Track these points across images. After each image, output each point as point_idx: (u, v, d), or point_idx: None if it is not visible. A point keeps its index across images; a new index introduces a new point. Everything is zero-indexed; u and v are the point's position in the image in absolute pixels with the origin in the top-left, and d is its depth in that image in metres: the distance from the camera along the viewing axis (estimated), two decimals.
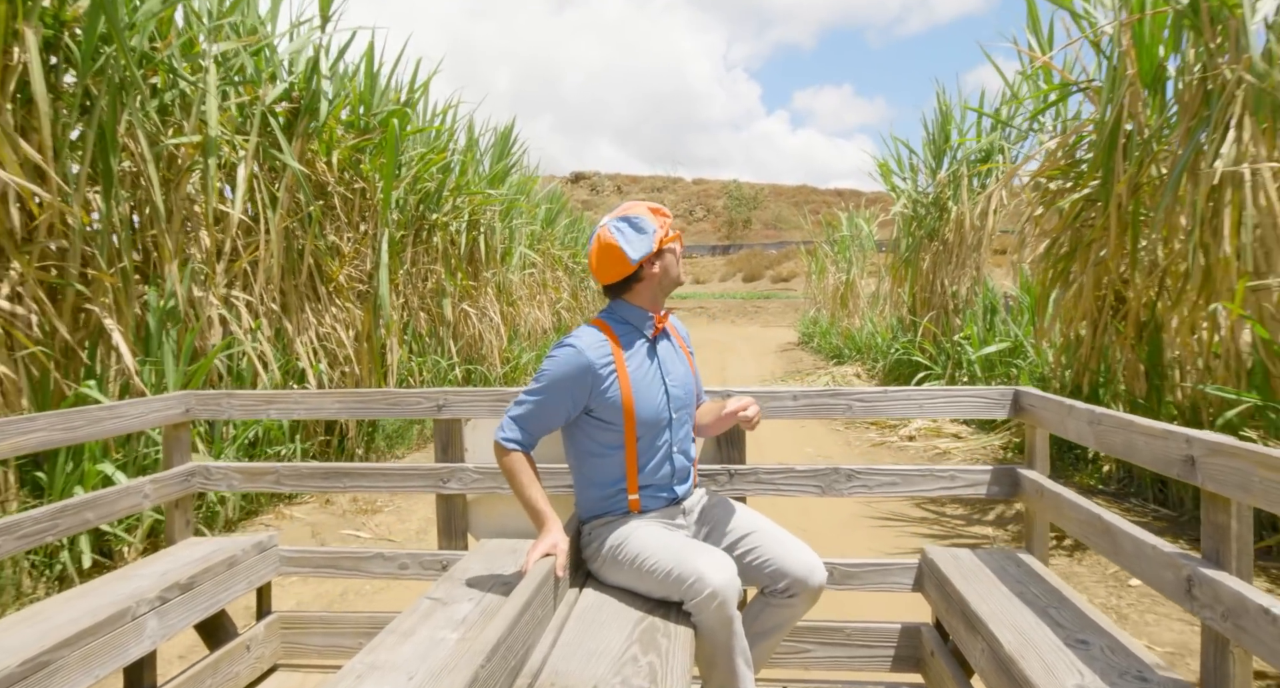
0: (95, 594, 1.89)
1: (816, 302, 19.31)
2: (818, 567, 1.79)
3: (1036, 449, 2.11)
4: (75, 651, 1.60)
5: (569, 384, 1.81)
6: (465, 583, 1.93)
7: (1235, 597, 1.24)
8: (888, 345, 10.25)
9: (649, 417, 1.85)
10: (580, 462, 1.94)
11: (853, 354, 12.95)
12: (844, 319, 15.52)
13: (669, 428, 1.90)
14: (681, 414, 1.93)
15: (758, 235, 53.36)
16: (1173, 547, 1.45)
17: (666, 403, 1.89)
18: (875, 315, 13.32)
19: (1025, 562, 2.04)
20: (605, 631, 1.62)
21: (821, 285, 18.32)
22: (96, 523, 2.13)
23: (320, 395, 2.43)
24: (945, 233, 8.77)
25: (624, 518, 1.89)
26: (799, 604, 1.81)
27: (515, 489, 1.82)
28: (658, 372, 1.90)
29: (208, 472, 2.45)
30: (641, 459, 1.87)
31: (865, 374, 10.96)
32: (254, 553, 2.27)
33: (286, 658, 2.44)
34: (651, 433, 1.87)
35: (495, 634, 1.29)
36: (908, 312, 9.75)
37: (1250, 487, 1.24)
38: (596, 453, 1.89)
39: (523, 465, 1.82)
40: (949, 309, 8.67)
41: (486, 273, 9.35)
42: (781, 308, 29.52)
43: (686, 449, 1.96)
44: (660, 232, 1.90)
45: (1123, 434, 1.61)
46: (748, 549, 1.83)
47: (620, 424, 1.85)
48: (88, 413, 2.11)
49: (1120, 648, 1.52)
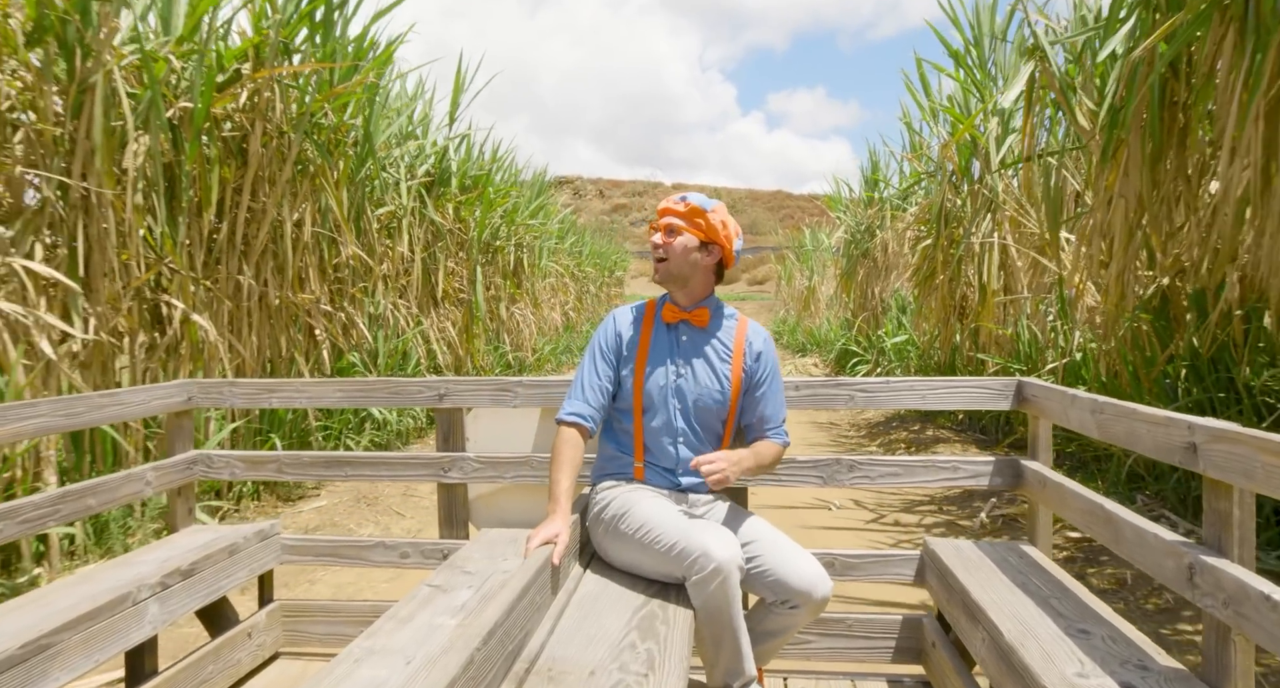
0: (97, 579, 1.89)
1: (786, 304, 22.30)
2: (820, 580, 1.76)
3: (1039, 440, 2.09)
4: (76, 634, 1.61)
5: (601, 344, 1.97)
6: (465, 571, 1.92)
7: (1237, 584, 1.23)
8: (836, 340, 13.15)
9: (652, 392, 1.91)
10: (606, 423, 2.02)
11: (813, 348, 15.86)
12: (807, 319, 18.47)
13: (672, 417, 1.92)
14: (689, 409, 1.92)
15: None
16: (1174, 535, 1.44)
17: (670, 391, 1.92)
18: (831, 316, 16.26)
19: (1027, 553, 2.02)
20: (604, 617, 1.62)
21: (790, 290, 21.30)
22: (99, 509, 2.13)
23: (320, 384, 2.42)
24: (874, 253, 11.66)
25: (629, 483, 1.92)
26: (802, 614, 1.78)
27: (550, 468, 1.84)
28: (670, 358, 1.94)
29: (209, 460, 2.45)
30: (647, 434, 1.93)
31: (821, 363, 13.86)
32: (255, 541, 2.27)
33: (288, 646, 2.44)
34: (656, 412, 1.92)
35: (492, 618, 1.30)
36: (850, 314, 12.64)
37: (1253, 473, 1.22)
38: (616, 414, 1.98)
39: (567, 449, 1.85)
40: (877, 311, 11.56)
41: (527, 283, 12.13)
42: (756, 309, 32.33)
43: (697, 448, 1.94)
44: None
45: (1125, 423, 1.61)
46: (750, 558, 1.79)
47: (631, 390, 1.93)
48: (89, 400, 2.10)
49: (1121, 637, 1.51)
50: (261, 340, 5.20)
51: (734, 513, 1.95)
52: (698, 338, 1.97)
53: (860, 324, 11.78)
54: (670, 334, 1.96)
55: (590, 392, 1.91)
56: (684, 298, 1.96)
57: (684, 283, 1.94)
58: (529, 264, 12.28)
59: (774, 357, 2.03)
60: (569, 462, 1.82)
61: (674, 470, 1.93)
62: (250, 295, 5.01)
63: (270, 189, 5.03)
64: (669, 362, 1.93)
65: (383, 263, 7.37)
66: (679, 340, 1.96)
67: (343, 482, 5.04)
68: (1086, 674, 1.36)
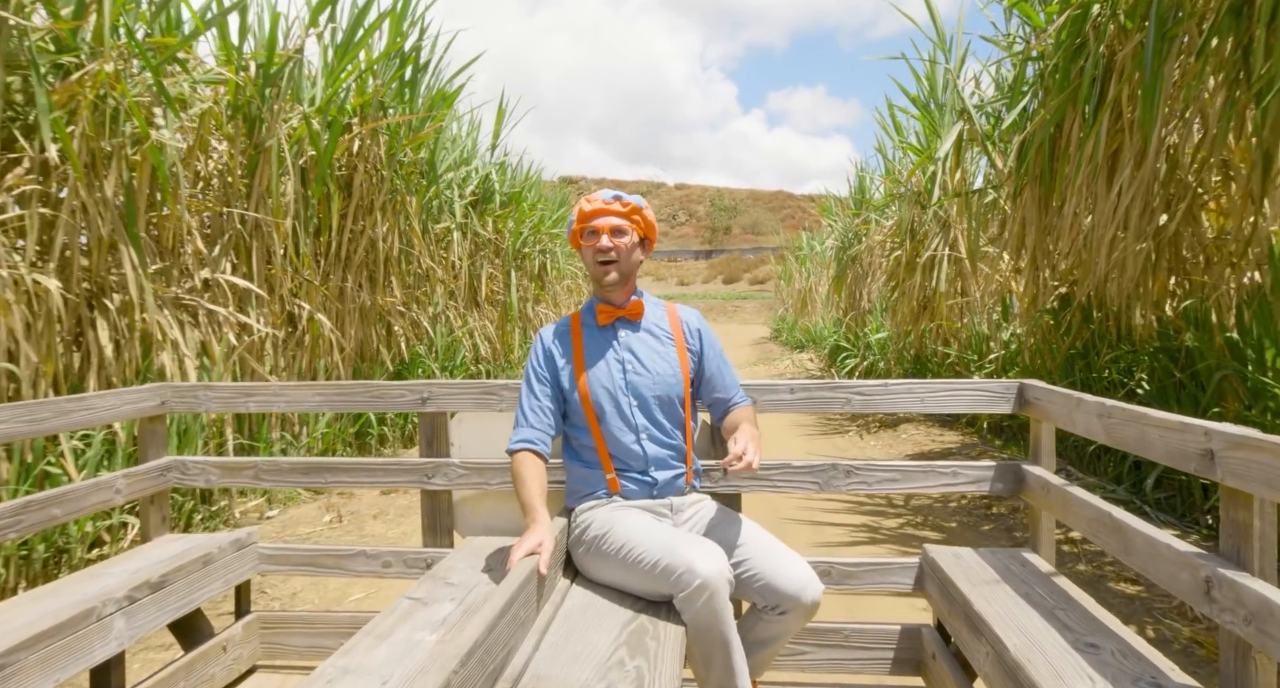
0: (61, 593, 1.84)
1: (785, 303, 23.62)
2: (809, 584, 1.71)
3: (1042, 444, 2.05)
4: (33, 653, 1.53)
5: (534, 366, 1.94)
6: (447, 582, 1.85)
7: (1259, 600, 1.17)
8: (829, 337, 14.47)
9: (599, 397, 1.88)
10: (565, 447, 2.00)
11: (809, 344, 17.19)
12: (804, 318, 19.79)
13: (630, 414, 1.89)
14: (646, 402, 1.90)
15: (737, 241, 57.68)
16: (1189, 546, 1.38)
17: (623, 388, 1.89)
18: (826, 315, 17.58)
19: (1030, 561, 1.97)
20: (592, 632, 1.57)
21: (789, 290, 22.61)
22: (64, 519, 2.06)
23: (300, 387, 2.35)
24: (861, 259, 12.98)
25: (608, 501, 1.89)
26: (792, 620, 1.74)
27: (516, 491, 1.81)
28: (613, 356, 1.92)
29: (184, 467, 2.39)
30: (609, 441, 1.89)
31: (816, 358, 15.20)
32: (231, 550, 2.20)
33: (266, 659, 2.38)
34: (611, 415, 1.89)
35: (472, 637, 1.25)
36: (841, 313, 13.96)
37: (1275, 482, 1.17)
38: (572, 434, 1.95)
39: (521, 466, 1.82)
40: (863, 311, 12.88)
41: (549, 285, 13.50)
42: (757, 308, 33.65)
43: (662, 440, 1.91)
44: (575, 224, 1.94)
45: (1135, 427, 1.55)
46: (737, 562, 1.76)
47: (579, 402, 1.89)
48: (54, 405, 2.04)
49: (1132, 652, 1.45)
50: (358, 336, 6.54)
51: (721, 515, 1.93)
52: (636, 330, 1.98)
53: (849, 322, 13.10)
54: (605, 335, 1.96)
55: (532, 415, 1.89)
56: (620, 296, 1.97)
57: (626, 281, 1.96)
58: (550, 268, 13.64)
59: (710, 330, 2.07)
60: (533, 477, 1.80)
61: (646, 471, 1.89)
62: (350, 299, 6.35)
63: (368, 215, 6.37)
64: (613, 362, 1.92)
65: (439, 270, 8.73)
66: (617, 338, 1.96)
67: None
68: None
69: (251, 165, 4.99)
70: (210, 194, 4.83)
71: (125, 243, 3.91)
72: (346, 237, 6.23)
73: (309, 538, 4.11)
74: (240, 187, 4.96)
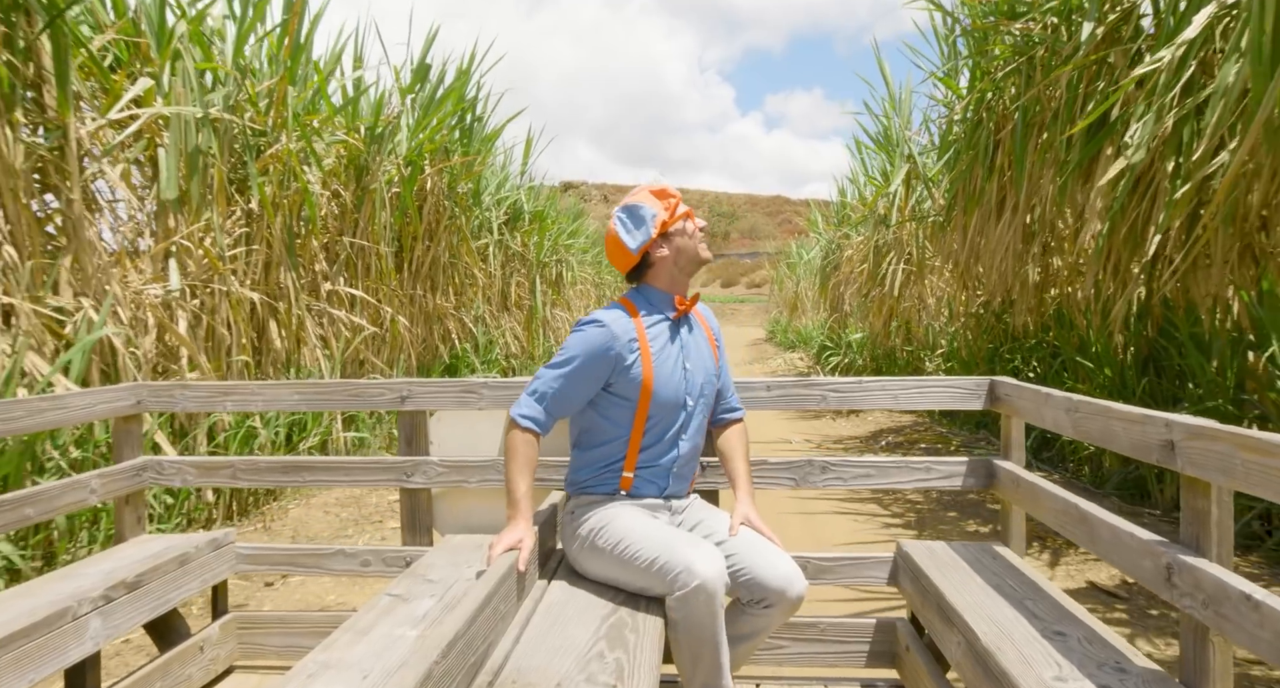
0: (35, 594, 1.82)
1: (778, 306, 25.17)
2: (795, 578, 1.73)
3: (1012, 440, 2.09)
4: (7, 653, 1.52)
5: (595, 360, 1.79)
6: (427, 579, 1.86)
7: (1216, 584, 1.22)
8: (816, 337, 16.02)
9: (666, 397, 1.82)
10: (584, 435, 1.91)
11: (800, 345, 18.75)
12: (795, 320, 21.35)
13: (683, 411, 1.86)
14: (699, 402, 1.88)
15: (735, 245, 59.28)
16: (1151, 535, 1.42)
17: (685, 387, 1.85)
18: (814, 317, 19.13)
19: (1001, 554, 2.02)
20: (571, 626, 1.59)
21: (782, 294, 24.16)
22: (37, 519, 2.05)
23: (278, 386, 2.34)
24: (842, 268, 14.54)
25: (610, 499, 1.86)
26: (775, 614, 1.76)
27: (507, 470, 1.75)
28: (680, 354, 1.86)
29: (160, 466, 2.37)
30: (646, 439, 1.85)
31: (806, 357, 16.76)
32: (208, 550, 2.19)
33: (243, 659, 2.36)
34: (664, 414, 1.84)
35: (452, 629, 1.26)
36: (826, 315, 15.51)
37: (1232, 470, 1.21)
38: (603, 428, 1.86)
39: (526, 449, 1.76)
40: (845, 314, 14.43)
41: (565, 290, 15.08)
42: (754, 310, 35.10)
43: (696, 442, 1.91)
44: (662, 215, 1.85)
45: (1100, 421, 1.61)
46: (724, 557, 1.73)
47: (635, 401, 1.82)
48: (27, 404, 2.03)
49: (1098, 639, 1.50)
50: (423, 335, 8.08)
51: (709, 511, 1.95)
52: (692, 326, 1.94)
53: (832, 324, 14.65)
54: (675, 330, 1.89)
55: (556, 404, 1.80)
56: (685, 286, 1.93)
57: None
58: (565, 274, 15.21)
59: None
60: (528, 463, 1.76)
61: (668, 474, 1.87)
62: (419, 305, 7.89)
63: (432, 236, 7.93)
64: (679, 365, 1.86)
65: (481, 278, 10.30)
66: (680, 334, 1.89)
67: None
68: (1065, 678, 1.34)
69: (358, 202, 6.55)
70: (330, 225, 6.39)
71: (287, 267, 5.46)
72: (416, 253, 7.78)
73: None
74: (352, 220, 6.52)
